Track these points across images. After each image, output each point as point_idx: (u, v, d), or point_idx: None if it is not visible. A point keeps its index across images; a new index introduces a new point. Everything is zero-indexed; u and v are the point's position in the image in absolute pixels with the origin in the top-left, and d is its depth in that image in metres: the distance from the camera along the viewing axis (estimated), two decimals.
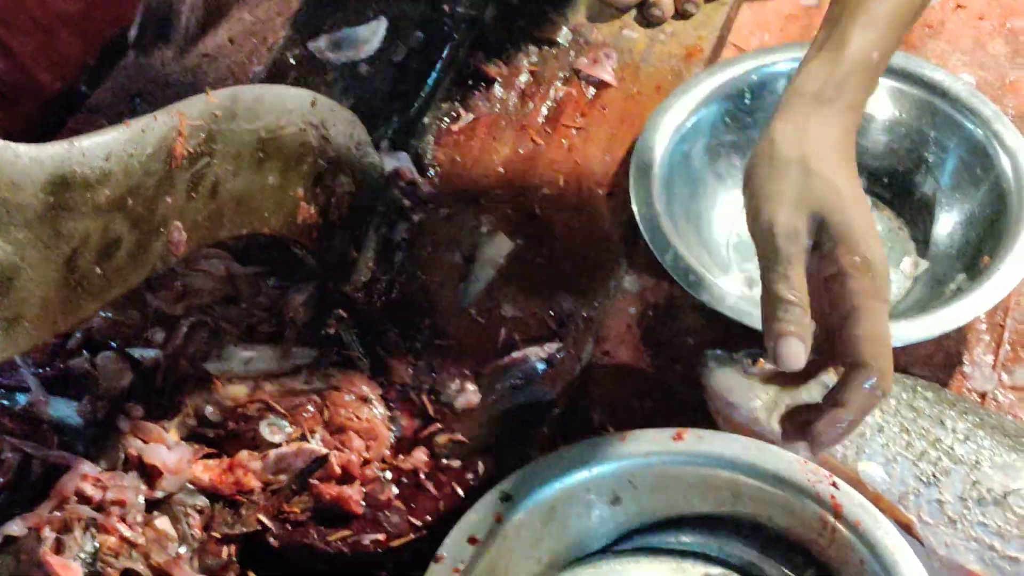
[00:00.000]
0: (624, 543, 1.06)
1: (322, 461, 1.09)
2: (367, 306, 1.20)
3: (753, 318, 1.15)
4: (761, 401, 1.11)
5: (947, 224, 1.26)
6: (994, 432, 1.08)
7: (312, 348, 1.16)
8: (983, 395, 1.18)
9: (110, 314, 1.17)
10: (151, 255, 0.94)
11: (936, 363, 1.19)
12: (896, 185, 1.31)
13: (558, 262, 1.25)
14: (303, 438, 1.11)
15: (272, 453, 1.10)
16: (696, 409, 1.16)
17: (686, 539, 1.05)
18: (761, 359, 1.13)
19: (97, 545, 1.03)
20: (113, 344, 1.15)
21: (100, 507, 1.05)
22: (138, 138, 0.89)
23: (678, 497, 1.05)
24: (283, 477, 1.10)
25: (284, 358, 1.15)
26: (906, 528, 1.04)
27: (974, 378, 1.19)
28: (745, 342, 1.15)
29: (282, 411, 1.12)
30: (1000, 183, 1.22)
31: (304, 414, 1.12)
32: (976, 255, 1.20)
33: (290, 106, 1.06)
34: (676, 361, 1.22)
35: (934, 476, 1.06)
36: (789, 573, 1.02)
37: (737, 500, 1.03)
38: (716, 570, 1.03)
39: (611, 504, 1.04)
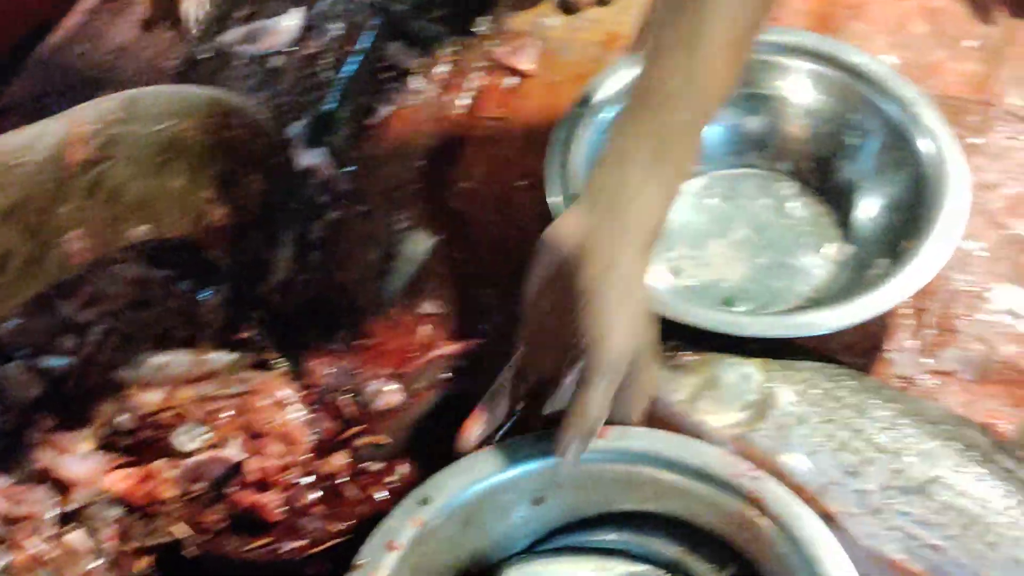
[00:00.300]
0: (548, 542, 1.05)
1: (238, 468, 1.07)
2: (284, 307, 1.18)
3: (674, 310, 1.14)
4: (682, 394, 1.10)
5: (870, 208, 1.26)
6: (916, 419, 1.07)
7: (227, 352, 1.14)
8: (907, 380, 1.17)
9: (18, 321, 1.14)
10: (48, 265, 0.92)
11: (859, 350, 1.19)
12: (819, 169, 1.30)
13: (479, 256, 1.23)
14: (219, 445, 1.09)
15: (188, 461, 1.08)
16: None
17: (610, 537, 1.04)
18: (682, 351, 1.12)
19: (7, 562, 1.00)
20: (21, 353, 1.12)
21: (10, 521, 1.02)
22: (29, 146, 0.86)
23: (602, 495, 1.03)
24: (200, 485, 1.08)
25: (199, 363, 1.13)
26: (829, 519, 1.04)
27: (898, 364, 1.18)
28: (665, 335, 1.14)
29: (198, 418, 1.10)
30: (921, 166, 1.21)
31: (220, 420, 1.10)
32: (898, 239, 1.19)
33: (193, 106, 1.03)
34: None
35: (857, 466, 1.05)
36: (713, 569, 1.01)
37: (661, 496, 1.02)
38: (640, 567, 1.02)
39: (534, 504, 1.03)
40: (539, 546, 1.05)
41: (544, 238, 0.99)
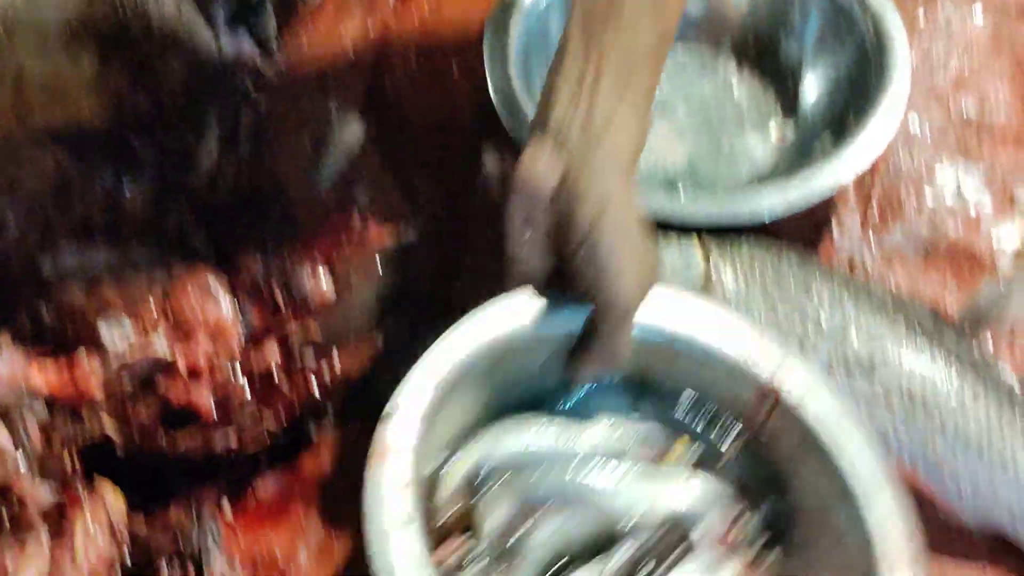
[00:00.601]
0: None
1: (166, 362, 1.04)
2: (212, 198, 1.14)
3: None
4: None
5: (813, 87, 1.23)
6: (861, 299, 1.06)
7: (153, 243, 1.10)
8: (852, 261, 1.15)
9: None
10: None
11: (804, 230, 1.17)
12: (761, 48, 1.27)
13: (413, 144, 1.20)
14: (146, 338, 1.05)
15: (113, 355, 1.04)
16: None
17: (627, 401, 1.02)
18: None
19: None
20: None
21: None
22: None
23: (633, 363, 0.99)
24: (126, 379, 1.04)
25: (123, 255, 1.09)
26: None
27: (843, 245, 1.16)
28: None
29: (123, 310, 1.06)
30: (863, 43, 1.18)
31: (146, 313, 1.06)
32: (842, 118, 1.16)
33: None
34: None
35: (800, 346, 1.03)
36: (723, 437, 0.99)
37: (673, 363, 0.99)
38: (649, 424, 0.99)
39: (552, 361, 0.99)
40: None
41: (519, 181, 0.93)
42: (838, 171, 1.11)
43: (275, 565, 1.04)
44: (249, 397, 1.05)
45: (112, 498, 1.03)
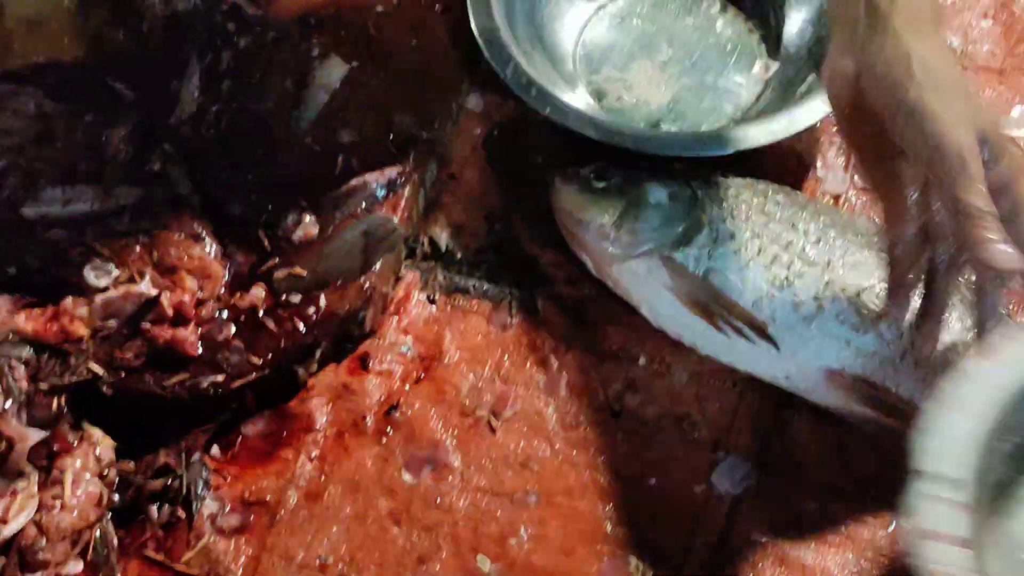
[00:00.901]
0: None
1: (152, 303, 1.03)
2: (194, 139, 1.13)
3: (600, 131, 1.11)
4: (609, 216, 1.07)
5: (796, 22, 1.22)
6: (846, 232, 1.06)
7: (137, 186, 1.10)
8: (837, 198, 1.15)
9: None
10: None
11: (789, 168, 1.16)
12: None
13: (396, 84, 1.19)
14: (131, 281, 1.05)
15: (99, 298, 1.03)
16: (551, 228, 1.12)
17: None
18: (608, 174, 1.09)
19: None
20: None
21: None
22: None
23: None
24: (113, 322, 1.04)
25: (106, 198, 1.08)
26: (761, 332, 1.02)
27: (827, 181, 1.16)
28: (592, 157, 1.11)
29: (107, 254, 1.05)
30: None
31: (132, 255, 1.06)
32: (825, 54, 1.16)
33: None
34: (524, 181, 1.17)
35: (787, 279, 1.03)
36: None
37: None
38: None
39: None
40: None
41: (828, 80, 0.95)
42: (820, 104, 1.11)
43: (265, 506, 1.04)
44: (235, 339, 1.05)
45: (101, 442, 1.03)
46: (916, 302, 0.96)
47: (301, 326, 1.06)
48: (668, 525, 1.03)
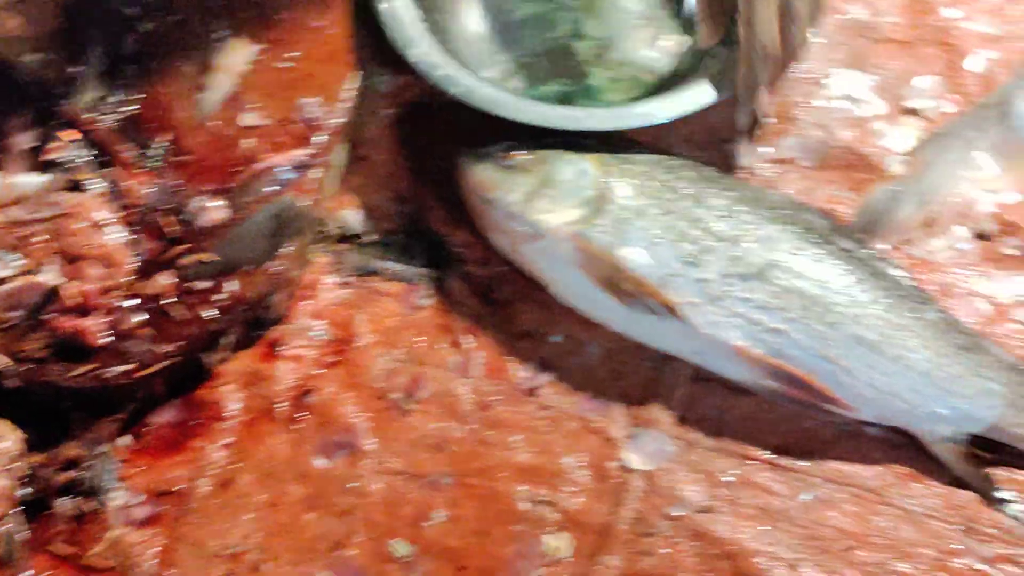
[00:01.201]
0: None
1: (55, 294, 1.02)
2: (97, 125, 1.11)
3: (509, 108, 1.11)
4: (518, 194, 1.07)
5: None
6: (755, 206, 1.06)
7: (38, 173, 1.07)
8: (748, 171, 1.16)
9: None
10: None
11: (698, 142, 1.16)
12: None
13: (302, 65, 1.17)
14: (34, 270, 1.03)
15: (1, 289, 1.01)
16: (462, 209, 1.11)
17: None
18: (516, 151, 1.09)
19: None
20: None
21: None
22: None
23: None
24: (16, 314, 1.02)
25: (6, 186, 1.06)
26: (670, 308, 1.02)
27: (739, 155, 1.16)
28: (503, 136, 1.11)
29: (8, 243, 1.03)
30: None
31: (34, 244, 1.04)
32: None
33: None
34: (434, 162, 1.17)
35: (696, 255, 1.03)
36: None
37: None
38: None
39: None
40: None
41: None
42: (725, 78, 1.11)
43: (176, 496, 1.03)
44: (142, 327, 1.03)
45: (8, 435, 1.01)
46: None
47: (210, 313, 1.04)
48: (585, 502, 1.03)
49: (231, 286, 1.05)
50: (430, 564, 1.00)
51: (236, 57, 1.16)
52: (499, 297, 1.11)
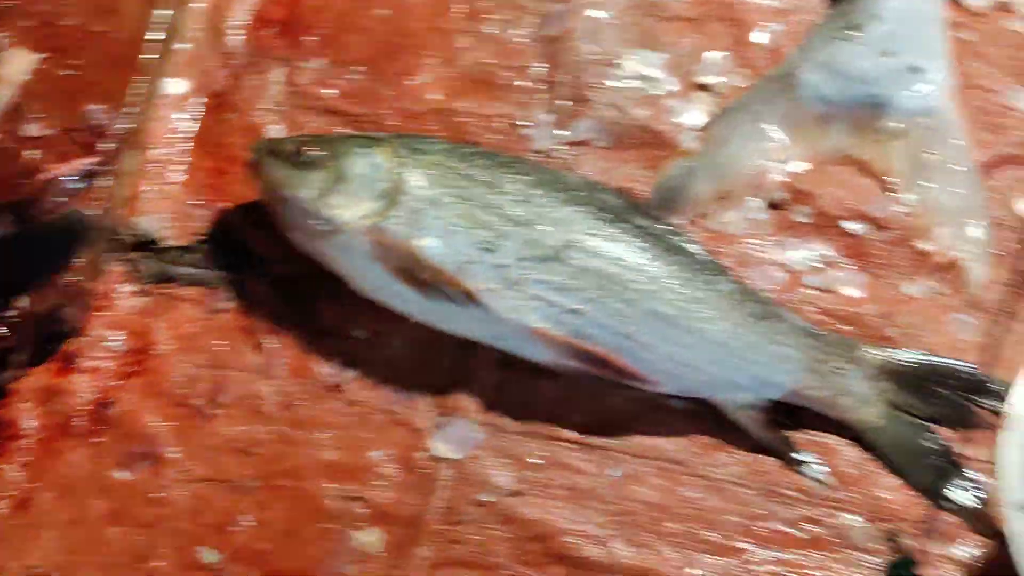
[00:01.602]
0: None
1: None
2: None
3: None
4: (311, 190, 1.06)
5: None
6: (550, 189, 1.07)
7: None
8: (545, 154, 1.16)
9: None
10: None
11: (497, 129, 1.16)
12: None
13: (87, 72, 1.15)
14: None
15: None
16: (259, 209, 1.10)
17: None
18: (307, 146, 1.08)
19: None
20: None
21: None
22: None
23: None
24: None
25: None
26: (469, 295, 1.02)
27: (534, 138, 1.16)
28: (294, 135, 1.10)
29: None
30: None
31: None
32: None
33: None
34: (233, 161, 1.15)
35: (492, 241, 1.04)
36: None
37: None
38: None
39: None
40: None
41: None
42: None
43: None
44: None
45: None
46: None
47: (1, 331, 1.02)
48: (394, 495, 1.02)
49: (20, 302, 1.03)
50: (239, 569, 0.99)
51: (16, 67, 1.13)
52: (301, 296, 1.10)
